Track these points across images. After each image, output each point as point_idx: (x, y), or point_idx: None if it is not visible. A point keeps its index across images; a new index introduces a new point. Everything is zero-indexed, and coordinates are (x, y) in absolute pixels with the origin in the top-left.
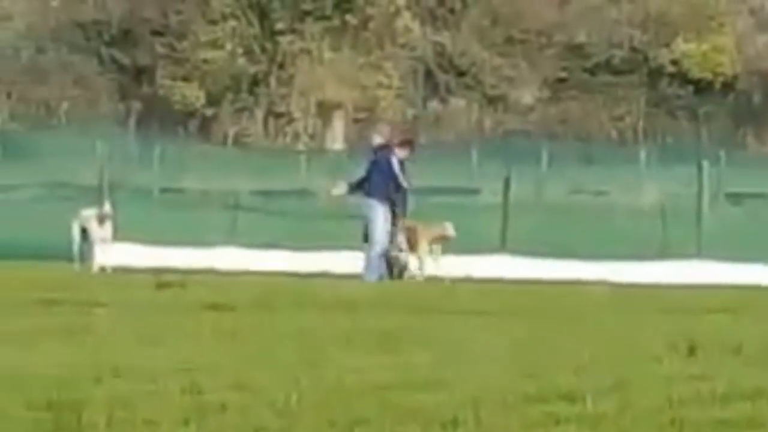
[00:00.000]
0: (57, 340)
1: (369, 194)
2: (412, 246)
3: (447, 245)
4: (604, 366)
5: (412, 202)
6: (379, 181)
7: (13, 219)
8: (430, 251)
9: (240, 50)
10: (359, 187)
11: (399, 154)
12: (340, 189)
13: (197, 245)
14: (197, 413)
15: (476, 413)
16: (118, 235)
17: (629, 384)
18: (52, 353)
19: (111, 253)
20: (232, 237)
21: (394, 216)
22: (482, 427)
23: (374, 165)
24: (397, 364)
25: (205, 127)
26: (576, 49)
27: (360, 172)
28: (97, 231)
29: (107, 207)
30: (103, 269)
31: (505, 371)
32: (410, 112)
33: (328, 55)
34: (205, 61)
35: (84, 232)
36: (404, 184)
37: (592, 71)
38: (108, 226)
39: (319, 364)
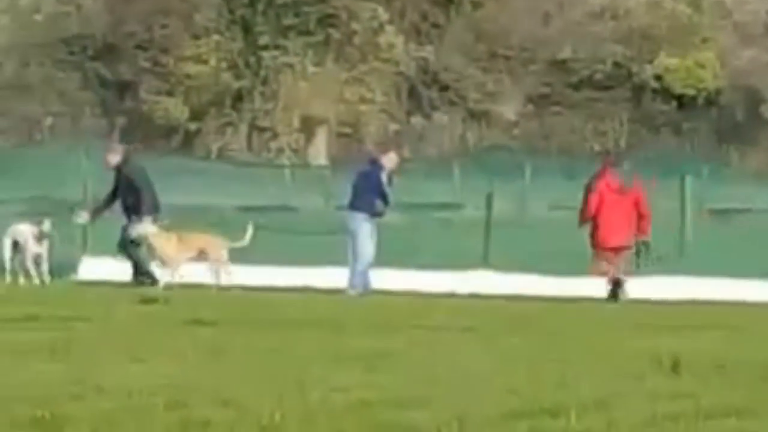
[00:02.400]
0: (40, 356)
1: (355, 208)
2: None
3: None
4: (587, 382)
5: (395, 216)
6: (366, 195)
7: None
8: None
9: (224, 65)
10: (106, 207)
11: (388, 164)
12: (82, 218)
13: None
14: (180, 429)
15: (460, 429)
16: (98, 250)
17: (613, 400)
18: (34, 370)
19: (45, 270)
20: None
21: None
22: None
23: (362, 179)
24: (381, 381)
25: (189, 141)
26: (559, 65)
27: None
28: (33, 248)
29: (47, 225)
30: (42, 283)
31: (489, 387)
32: (393, 128)
33: (311, 69)
34: (188, 75)
35: (16, 246)
36: (390, 197)
37: (575, 87)
38: (45, 244)
39: (303, 380)
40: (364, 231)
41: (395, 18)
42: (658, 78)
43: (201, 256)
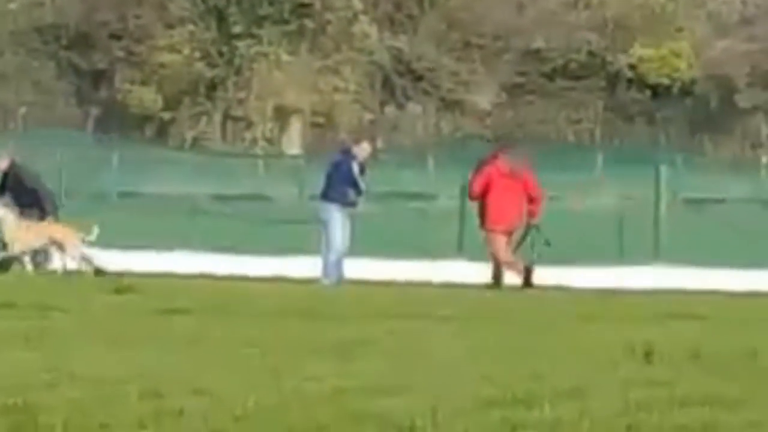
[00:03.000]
0: (14, 345)
1: (327, 198)
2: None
3: (399, 248)
4: (561, 371)
5: (370, 206)
6: (338, 185)
7: None
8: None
9: (197, 54)
10: None
11: (360, 154)
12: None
13: (156, 249)
14: (154, 418)
15: (434, 418)
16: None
17: (587, 389)
18: (8, 358)
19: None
20: (189, 241)
21: None
22: (440, 431)
23: (334, 169)
24: (355, 370)
25: (163, 131)
26: (533, 54)
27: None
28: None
29: None
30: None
31: (463, 377)
32: (367, 117)
33: (285, 59)
34: (162, 65)
35: None
36: (362, 187)
37: (549, 76)
38: None
39: (277, 370)
40: (336, 221)
41: (369, 8)
42: (632, 67)
43: (55, 245)
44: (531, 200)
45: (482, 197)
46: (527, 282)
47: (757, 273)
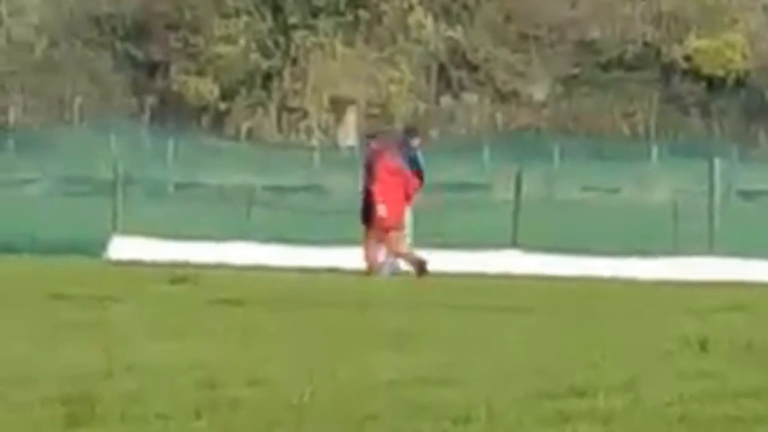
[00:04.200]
0: (71, 335)
1: None
2: None
3: (454, 240)
4: (615, 362)
5: (423, 196)
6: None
7: (27, 213)
8: None
9: (253, 45)
10: None
11: (414, 144)
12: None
13: (211, 240)
14: (210, 408)
15: (488, 409)
16: (128, 229)
17: (640, 380)
18: (66, 348)
19: None
20: (245, 232)
21: None
22: (494, 423)
23: (409, 162)
24: (409, 361)
25: (219, 121)
26: (588, 46)
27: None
28: None
29: None
30: None
31: (517, 368)
32: (422, 108)
33: (340, 50)
34: (218, 56)
35: None
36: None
37: (604, 67)
38: None
39: (331, 360)
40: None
41: None
42: (687, 59)
43: None
44: (407, 197)
45: (368, 195)
46: (421, 270)
47: None
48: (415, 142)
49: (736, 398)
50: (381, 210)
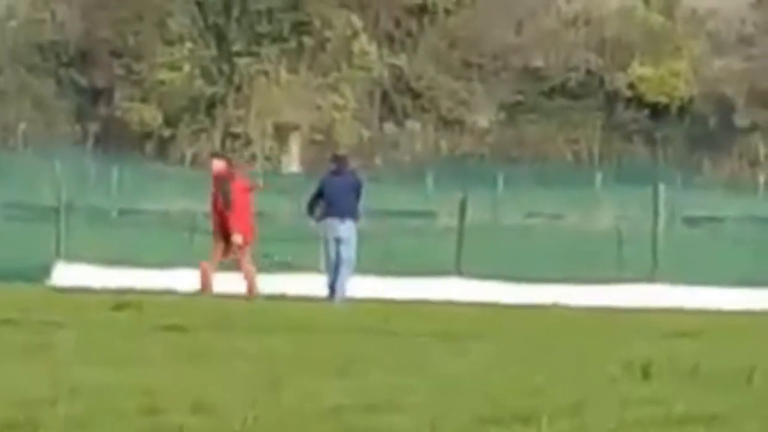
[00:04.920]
0: (14, 360)
1: (354, 216)
2: None
3: (398, 266)
4: (559, 388)
5: (366, 223)
6: (354, 201)
7: None
8: None
9: (197, 72)
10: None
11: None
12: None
13: (155, 266)
14: None
15: None
16: (72, 256)
17: (585, 406)
18: (9, 373)
19: None
20: (189, 258)
21: None
22: None
23: (355, 187)
24: (355, 386)
25: (163, 148)
26: (532, 73)
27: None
28: None
29: None
30: None
31: (462, 393)
32: (366, 134)
33: (285, 77)
34: (162, 82)
35: None
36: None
37: (548, 94)
38: None
39: (276, 386)
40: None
41: (369, 26)
42: (631, 86)
43: None
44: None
45: (223, 213)
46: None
47: (755, 291)
48: (330, 166)
49: (680, 425)
50: (237, 239)
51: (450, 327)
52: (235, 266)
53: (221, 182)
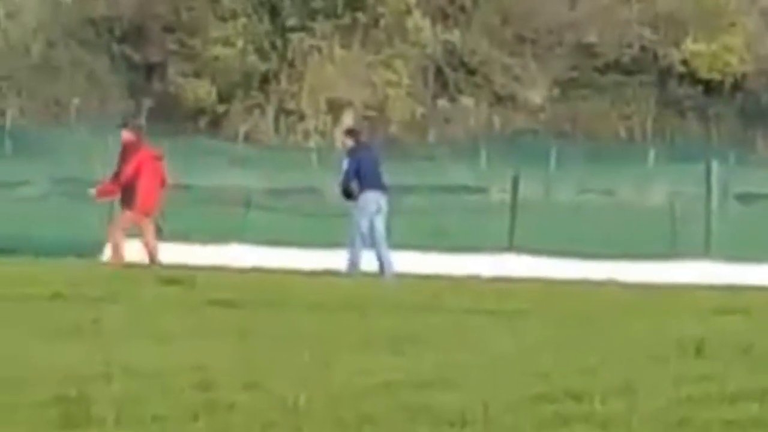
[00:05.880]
0: (66, 337)
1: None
2: None
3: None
4: (612, 366)
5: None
6: (371, 175)
7: (22, 215)
8: None
9: (250, 47)
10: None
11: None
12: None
13: (208, 242)
14: (206, 410)
15: (485, 412)
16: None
17: (637, 384)
18: (61, 350)
19: None
20: (242, 234)
21: None
22: (491, 426)
23: (377, 161)
24: (407, 364)
25: (216, 123)
26: (586, 49)
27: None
28: None
29: None
30: None
31: (515, 371)
32: (419, 111)
33: (338, 53)
34: (216, 58)
35: None
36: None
37: (601, 71)
38: None
39: (328, 363)
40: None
41: (422, 1)
42: (684, 62)
43: None
44: (162, 184)
45: (134, 181)
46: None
47: None
48: (347, 144)
49: (733, 402)
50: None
51: (503, 304)
52: (284, 242)
53: (124, 152)
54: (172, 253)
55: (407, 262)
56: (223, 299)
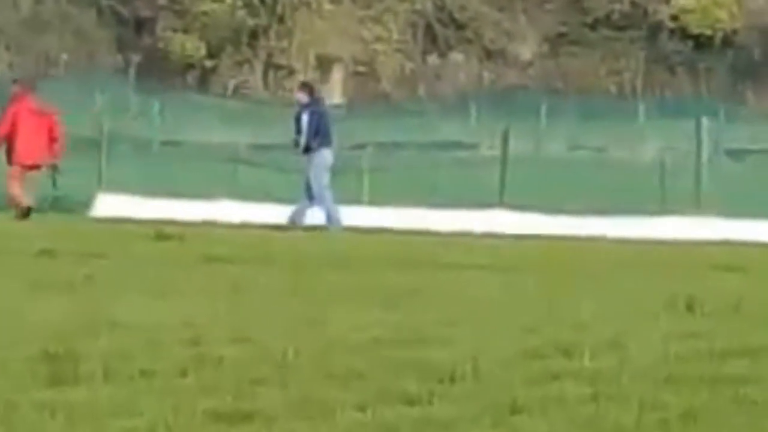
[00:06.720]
0: (56, 292)
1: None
2: None
3: (441, 198)
4: (603, 322)
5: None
6: (328, 131)
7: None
8: None
9: (240, 2)
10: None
11: (301, 100)
12: None
13: (197, 198)
14: (195, 365)
15: (475, 368)
16: (113, 186)
17: (627, 340)
18: (49, 304)
19: None
20: (231, 189)
21: None
22: (481, 382)
23: (324, 117)
24: (398, 320)
25: (205, 79)
26: (576, 4)
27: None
28: None
29: None
30: None
31: (504, 327)
32: (409, 66)
33: (327, 8)
34: (204, 12)
35: None
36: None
37: (591, 26)
38: None
39: (319, 319)
40: None
41: None
42: (674, 18)
43: None
44: (53, 140)
45: (11, 135)
46: (24, 216)
47: None
48: (302, 98)
49: (723, 358)
50: (21, 151)
51: (493, 260)
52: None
53: (7, 107)
54: (161, 208)
55: (399, 217)
56: (214, 255)
